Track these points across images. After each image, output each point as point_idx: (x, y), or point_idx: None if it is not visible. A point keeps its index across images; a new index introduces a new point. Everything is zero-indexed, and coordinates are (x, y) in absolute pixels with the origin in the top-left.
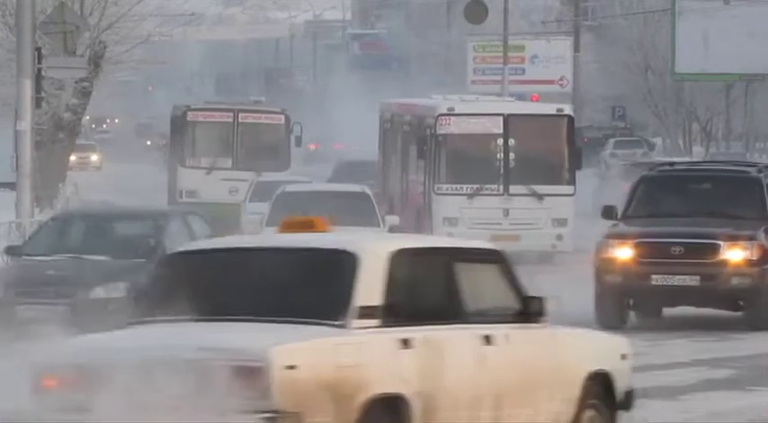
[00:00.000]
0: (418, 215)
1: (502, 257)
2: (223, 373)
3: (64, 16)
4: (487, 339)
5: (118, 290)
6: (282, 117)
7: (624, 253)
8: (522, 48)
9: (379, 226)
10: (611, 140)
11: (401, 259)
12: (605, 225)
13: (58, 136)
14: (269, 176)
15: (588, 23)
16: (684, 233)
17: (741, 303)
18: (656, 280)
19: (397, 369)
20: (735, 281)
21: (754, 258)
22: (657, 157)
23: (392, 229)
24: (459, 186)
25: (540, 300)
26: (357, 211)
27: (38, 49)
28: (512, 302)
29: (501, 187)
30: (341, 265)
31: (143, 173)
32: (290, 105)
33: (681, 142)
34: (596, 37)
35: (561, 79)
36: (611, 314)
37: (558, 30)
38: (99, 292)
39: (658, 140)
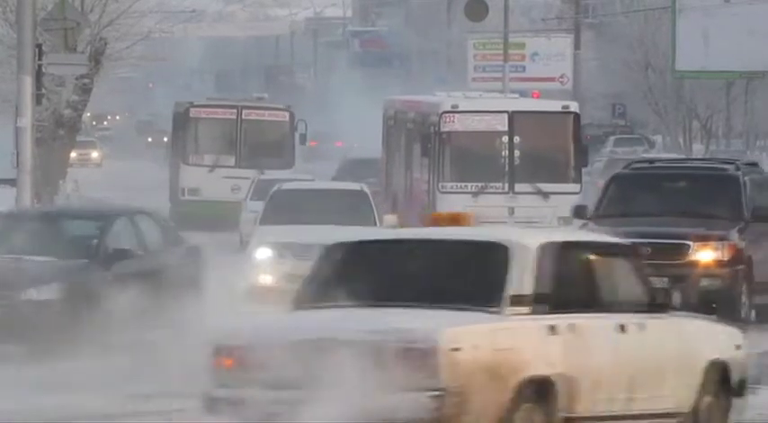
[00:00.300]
0: (422, 214)
1: (634, 252)
2: (395, 354)
3: (65, 13)
4: (622, 328)
5: (51, 291)
6: (287, 114)
7: None
8: (522, 45)
9: (375, 225)
10: (612, 138)
11: (548, 252)
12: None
13: (59, 133)
14: (271, 174)
15: (589, 21)
16: (652, 233)
17: (714, 306)
18: None
19: (546, 353)
20: (705, 282)
21: (726, 259)
22: (657, 154)
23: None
24: (463, 184)
25: (665, 291)
26: (353, 209)
27: (38, 46)
28: (641, 294)
29: (506, 185)
30: (495, 257)
31: (143, 170)
32: (290, 103)
33: (681, 140)
34: (597, 34)
35: (562, 77)
36: None
37: (558, 27)
38: (31, 294)
39: (658, 138)
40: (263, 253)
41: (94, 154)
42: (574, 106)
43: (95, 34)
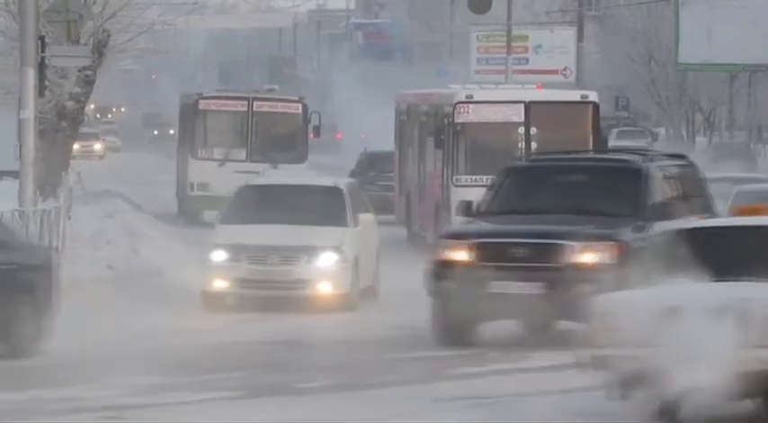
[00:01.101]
0: (437, 208)
1: None
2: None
3: (67, 4)
4: None
5: None
6: (300, 106)
7: (461, 256)
8: (525, 38)
9: (347, 225)
10: (615, 130)
11: None
12: None
13: (61, 125)
14: (284, 169)
15: (592, 14)
16: (529, 232)
17: None
18: (495, 287)
19: None
20: (585, 289)
21: (610, 262)
22: (660, 147)
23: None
24: (478, 178)
25: None
26: (324, 208)
27: (41, 38)
28: None
29: None
30: None
31: (148, 163)
32: (292, 95)
33: (684, 132)
34: (600, 27)
35: (565, 69)
36: (449, 329)
37: (561, 20)
38: None
39: (661, 131)
40: (217, 256)
41: (97, 146)
42: (593, 96)
43: (98, 26)
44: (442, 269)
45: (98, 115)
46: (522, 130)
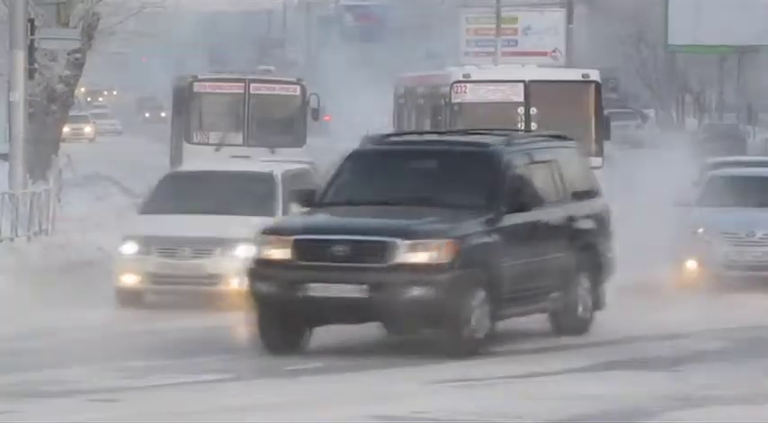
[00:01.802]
0: None
1: None
2: None
3: None
4: None
5: None
6: (298, 88)
7: (279, 254)
8: (515, 20)
9: (275, 216)
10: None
11: None
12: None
13: (51, 108)
14: (281, 153)
15: None
16: (352, 228)
17: (428, 322)
18: (315, 290)
19: None
20: (414, 292)
21: (444, 261)
22: (650, 128)
23: None
24: None
25: None
26: (255, 197)
27: (31, 21)
28: None
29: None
30: None
31: (139, 146)
32: (287, 76)
33: (674, 114)
34: (590, 8)
35: (554, 51)
36: (272, 334)
37: (551, 1)
38: None
39: (651, 112)
40: (127, 248)
41: (87, 128)
42: (594, 75)
43: (88, 9)
44: (260, 269)
45: (89, 99)
46: (521, 110)
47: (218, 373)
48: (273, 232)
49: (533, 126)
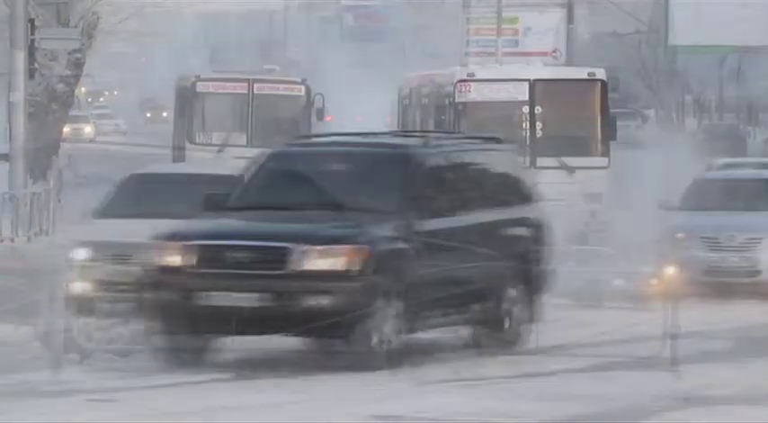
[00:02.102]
0: None
1: None
2: None
3: None
4: None
5: None
6: (302, 88)
7: (175, 260)
8: (515, 20)
9: None
10: None
11: None
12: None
13: (52, 107)
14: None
15: None
16: (250, 233)
17: (331, 333)
18: (210, 299)
19: None
20: (313, 301)
21: (347, 269)
22: (651, 128)
23: None
24: None
25: None
26: None
27: (31, 20)
28: None
29: (527, 160)
30: None
31: (140, 146)
32: (290, 76)
33: (674, 114)
34: (590, 8)
35: (555, 51)
36: (175, 343)
37: (551, 1)
38: None
39: (651, 112)
40: (78, 254)
41: (87, 128)
42: (600, 73)
43: (88, 9)
44: (156, 276)
45: (89, 99)
46: (526, 109)
47: (217, 372)
48: (170, 238)
49: (538, 125)
